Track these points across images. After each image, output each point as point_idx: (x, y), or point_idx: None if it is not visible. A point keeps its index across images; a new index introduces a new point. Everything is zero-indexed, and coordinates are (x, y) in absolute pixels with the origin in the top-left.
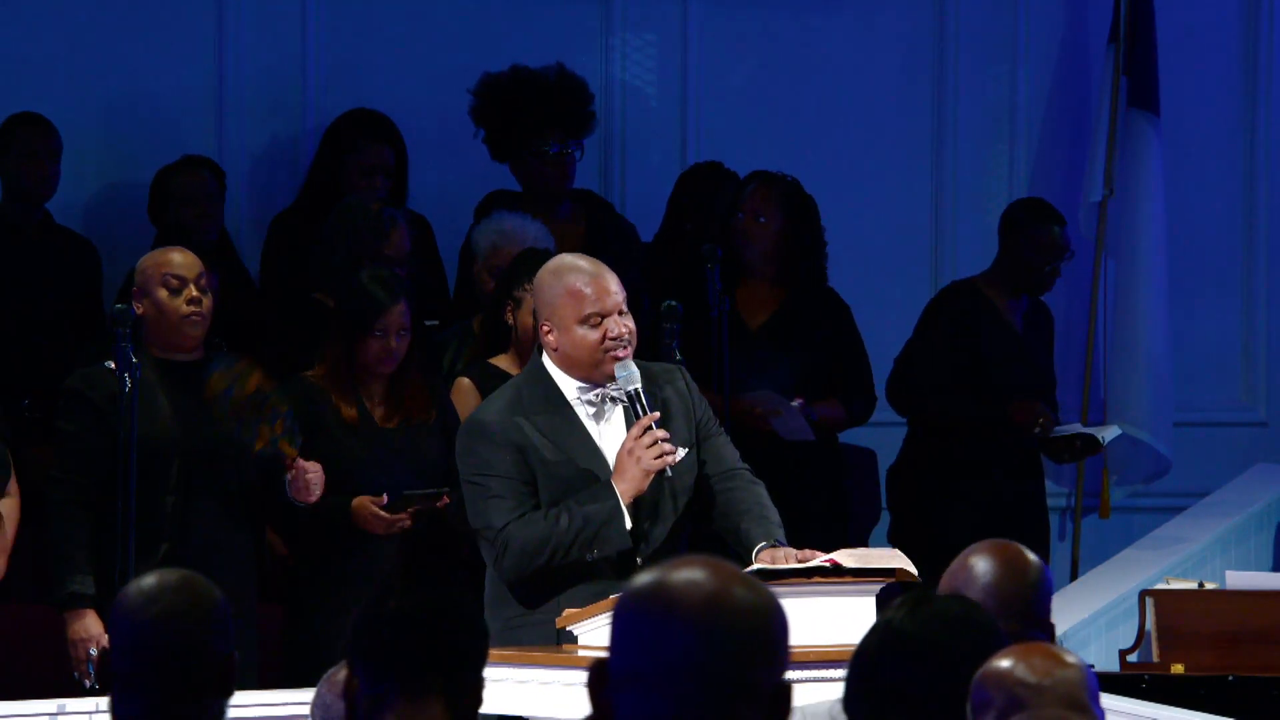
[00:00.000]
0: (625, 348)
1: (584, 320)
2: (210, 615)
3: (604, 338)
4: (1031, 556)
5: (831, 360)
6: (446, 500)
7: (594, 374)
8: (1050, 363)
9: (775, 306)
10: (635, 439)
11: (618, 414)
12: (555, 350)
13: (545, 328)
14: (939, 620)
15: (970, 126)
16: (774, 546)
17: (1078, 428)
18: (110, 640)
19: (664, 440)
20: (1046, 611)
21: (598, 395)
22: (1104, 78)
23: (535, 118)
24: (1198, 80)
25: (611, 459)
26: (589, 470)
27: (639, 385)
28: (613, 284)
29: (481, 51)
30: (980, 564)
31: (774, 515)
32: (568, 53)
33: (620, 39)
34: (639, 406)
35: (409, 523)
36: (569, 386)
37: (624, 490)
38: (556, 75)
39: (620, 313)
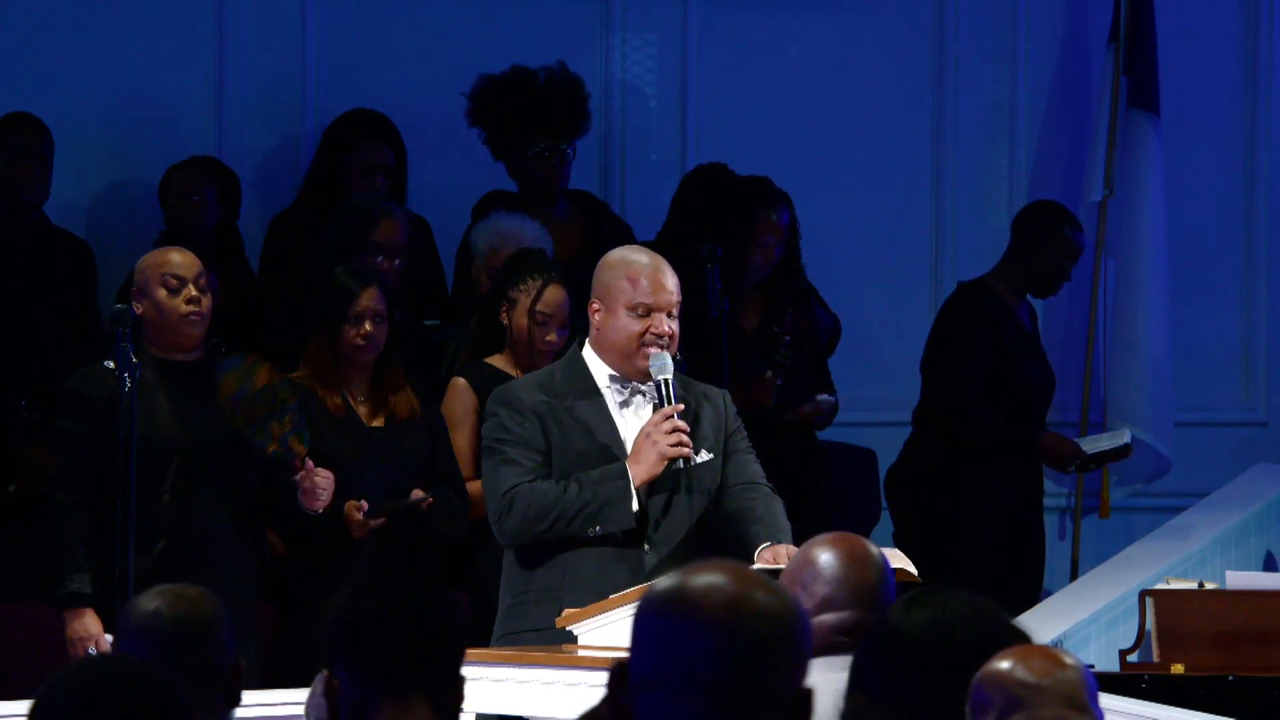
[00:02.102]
0: (663, 347)
1: (632, 308)
2: (215, 624)
3: (646, 331)
4: (872, 547)
5: (811, 357)
6: (430, 502)
7: (627, 365)
8: (1048, 360)
9: (762, 309)
10: (655, 424)
11: (646, 409)
12: (598, 330)
13: (595, 305)
14: (936, 619)
15: (970, 126)
16: (775, 545)
17: (1102, 441)
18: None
19: (684, 432)
20: (893, 598)
21: (627, 388)
22: (1104, 78)
23: (526, 119)
24: (1198, 80)
25: (630, 448)
26: (605, 452)
27: (670, 376)
28: (670, 283)
29: (481, 52)
30: (823, 556)
31: (784, 525)
32: (567, 52)
33: (620, 39)
34: (665, 395)
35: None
36: (601, 375)
37: (636, 473)
38: (548, 76)
39: (669, 314)
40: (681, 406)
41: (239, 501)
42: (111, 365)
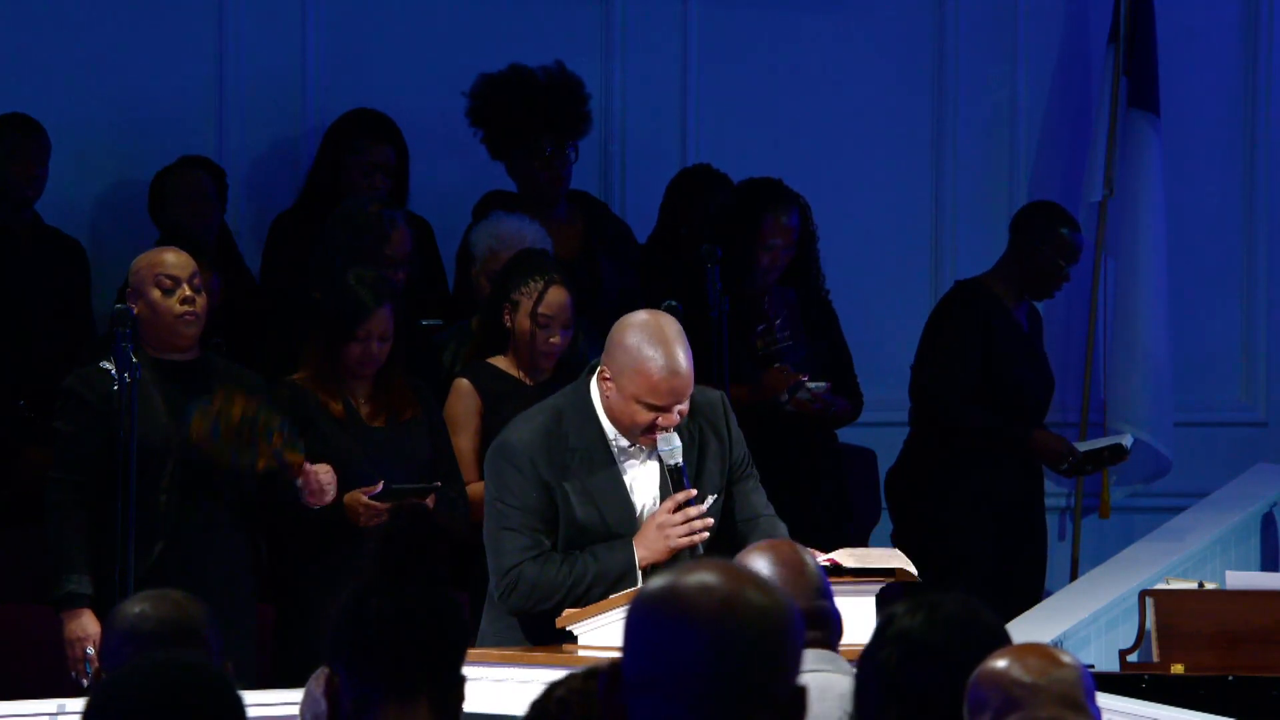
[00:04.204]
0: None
1: (641, 402)
2: (199, 625)
3: (652, 424)
4: (806, 555)
5: (827, 361)
6: (434, 498)
7: (631, 438)
8: (1048, 363)
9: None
10: (669, 512)
11: (653, 463)
12: (606, 396)
13: (605, 372)
14: (953, 624)
15: (970, 126)
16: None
17: (1101, 441)
18: (101, 660)
19: (698, 517)
20: (828, 588)
21: (635, 446)
22: (1104, 78)
23: (527, 119)
24: (1198, 80)
25: (639, 506)
26: (613, 521)
27: (680, 460)
28: (682, 380)
29: (481, 52)
30: (758, 563)
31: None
32: (568, 53)
33: (620, 39)
34: (675, 480)
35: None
36: (609, 427)
37: (643, 556)
38: (549, 76)
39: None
40: (694, 492)
41: (236, 500)
42: (108, 366)
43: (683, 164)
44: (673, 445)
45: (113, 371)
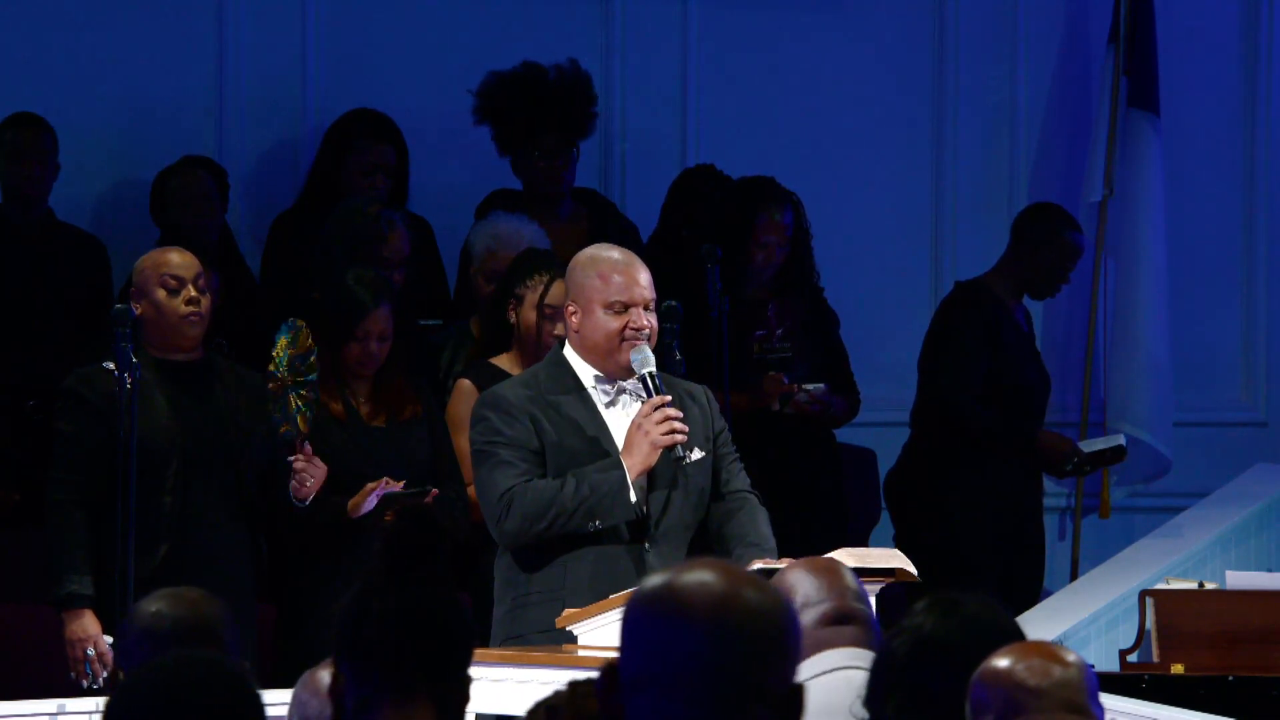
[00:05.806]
0: (642, 341)
1: (608, 306)
2: (216, 624)
3: (625, 327)
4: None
5: (825, 360)
6: (433, 494)
7: (609, 363)
8: (1043, 362)
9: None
10: (645, 415)
11: (633, 407)
12: (577, 333)
13: (570, 308)
14: (972, 625)
15: (970, 126)
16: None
17: (1100, 441)
18: (118, 660)
19: (676, 420)
20: (865, 592)
21: (613, 387)
22: (1104, 78)
23: (533, 118)
24: (1198, 80)
25: (621, 444)
26: (597, 447)
27: (654, 369)
28: (643, 277)
29: (482, 51)
30: (791, 575)
31: (770, 544)
32: (568, 52)
33: (621, 38)
34: (652, 387)
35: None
36: (586, 375)
37: (631, 464)
38: (556, 75)
39: (646, 307)
40: (669, 398)
41: (238, 501)
42: (110, 366)
43: (683, 164)
44: (645, 355)
45: (115, 371)
